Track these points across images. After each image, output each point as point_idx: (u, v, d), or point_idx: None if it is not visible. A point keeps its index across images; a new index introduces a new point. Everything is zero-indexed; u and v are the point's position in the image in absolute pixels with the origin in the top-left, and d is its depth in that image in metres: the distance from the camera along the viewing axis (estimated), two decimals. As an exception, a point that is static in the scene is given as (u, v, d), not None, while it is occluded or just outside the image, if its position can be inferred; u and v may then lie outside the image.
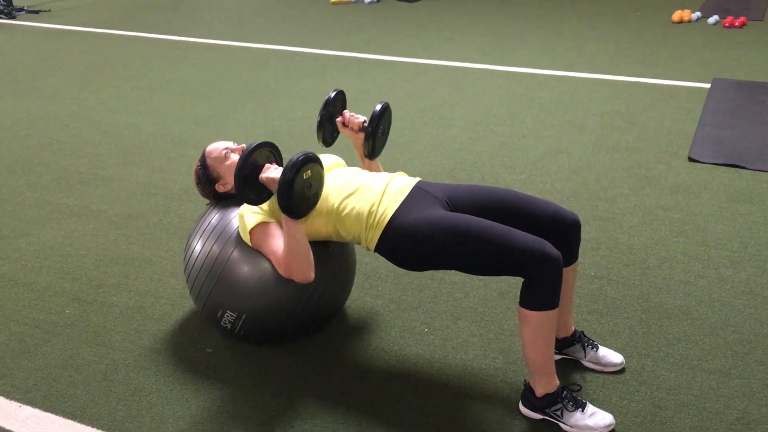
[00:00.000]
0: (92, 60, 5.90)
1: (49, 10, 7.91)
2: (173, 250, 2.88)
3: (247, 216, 2.09)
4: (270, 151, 2.10)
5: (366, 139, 2.25)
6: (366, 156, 2.31)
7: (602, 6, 7.53)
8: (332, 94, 2.31)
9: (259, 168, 2.03)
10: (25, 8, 7.87)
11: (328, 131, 2.34)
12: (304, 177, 1.91)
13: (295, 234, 2.00)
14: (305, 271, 2.04)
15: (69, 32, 6.96)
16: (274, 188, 1.97)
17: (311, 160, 1.92)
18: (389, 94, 4.74)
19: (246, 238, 2.10)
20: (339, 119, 2.31)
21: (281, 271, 2.06)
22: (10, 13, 7.64)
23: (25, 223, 3.13)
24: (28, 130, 4.28)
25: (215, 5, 8.27)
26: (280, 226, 2.08)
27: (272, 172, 2.00)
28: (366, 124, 2.27)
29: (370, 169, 2.35)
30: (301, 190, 1.93)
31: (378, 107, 2.26)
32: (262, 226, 2.07)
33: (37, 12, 7.82)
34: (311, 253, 2.05)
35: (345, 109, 2.36)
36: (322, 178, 2.01)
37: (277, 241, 2.06)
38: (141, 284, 2.65)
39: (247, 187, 2.00)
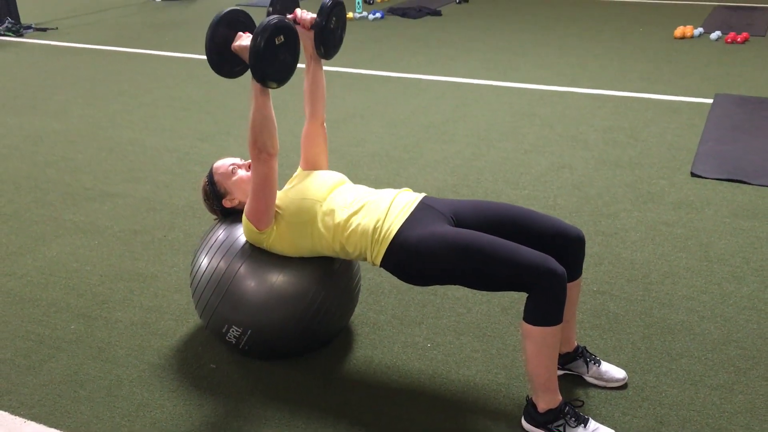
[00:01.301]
0: (98, 77, 5.95)
1: (56, 28, 7.99)
2: (178, 265, 2.90)
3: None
4: (244, 19, 2.02)
5: (316, 35, 2.09)
6: (320, 55, 2.17)
7: (605, 22, 7.58)
8: None
9: (232, 37, 1.97)
10: (33, 26, 7.94)
11: None
12: (277, 42, 1.82)
13: (260, 107, 1.95)
14: (264, 143, 1.97)
15: (76, 50, 7.02)
16: (246, 56, 1.90)
17: (285, 25, 1.84)
18: (393, 110, 4.78)
19: (248, 228, 2.11)
20: (290, 17, 2.14)
21: (251, 165, 2.03)
22: (18, 30, 7.71)
23: (31, 239, 3.16)
24: (35, 146, 4.32)
25: (220, 22, 8.33)
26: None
27: (244, 40, 1.95)
28: (316, 20, 2.09)
29: (315, 78, 2.26)
30: (273, 57, 1.84)
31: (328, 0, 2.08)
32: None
33: (44, 30, 7.89)
34: (275, 130, 2.00)
35: (297, 7, 2.19)
36: (297, 49, 1.91)
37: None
38: (146, 300, 2.66)
39: (219, 56, 1.95)
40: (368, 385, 2.19)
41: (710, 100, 4.78)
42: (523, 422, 1.99)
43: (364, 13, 8.18)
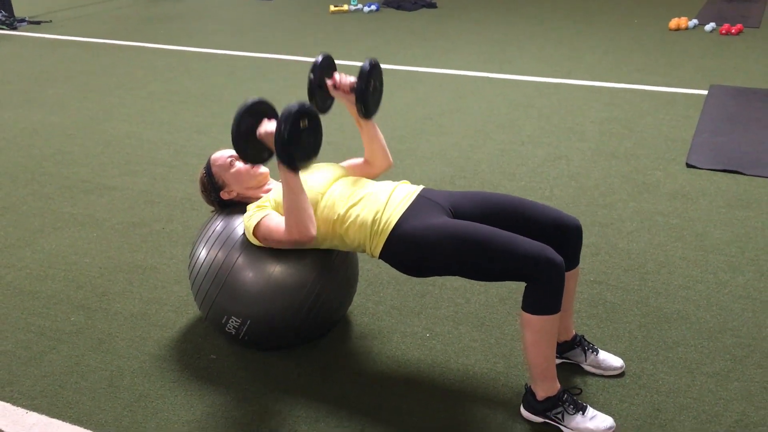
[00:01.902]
0: (94, 70, 5.94)
1: (51, 21, 7.96)
2: (177, 257, 2.91)
3: (250, 217, 2.12)
4: (266, 108, 2.08)
5: (357, 98, 2.15)
6: (361, 116, 2.23)
7: (600, 14, 7.59)
8: (320, 58, 2.20)
9: (257, 125, 2.02)
10: (27, 19, 7.92)
11: (320, 97, 2.24)
12: (301, 126, 1.88)
13: (294, 188, 1.97)
14: (307, 227, 2.00)
15: (70, 43, 7.00)
16: (272, 143, 1.95)
17: (307, 110, 1.89)
18: (389, 103, 4.78)
19: (251, 237, 2.12)
20: (330, 82, 2.21)
21: (285, 237, 2.02)
22: (12, 24, 7.68)
23: (29, 232, 3.16)
24: (31, 140, 4.31)
25: (215, 16, 8.32)
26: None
27: (270, 126, 2.00)
28: (356, 84, 2.16)
29: (369, 135, 2.31)
30: (299, 140, 1.90)
31: (366, 63, 2.16)
32: (264, 218, 2.09)
33: (38, 23, 7.87)
34: (311, 209, 2.03)
35: (335, 71, 2.25)
36: (320, 128, 1.96)
37: (278, 219, 2.07)
38: (145, 291, 2.67)
39: (246, 143, 2.00)
40: (367, 374, 2.21)
41: (705, 92, 4.80)
42: (522, 410, 2.01)
43: (360, 6, 8.16)
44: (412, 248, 1.98)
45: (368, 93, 2.18)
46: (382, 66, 2.29)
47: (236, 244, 2.19)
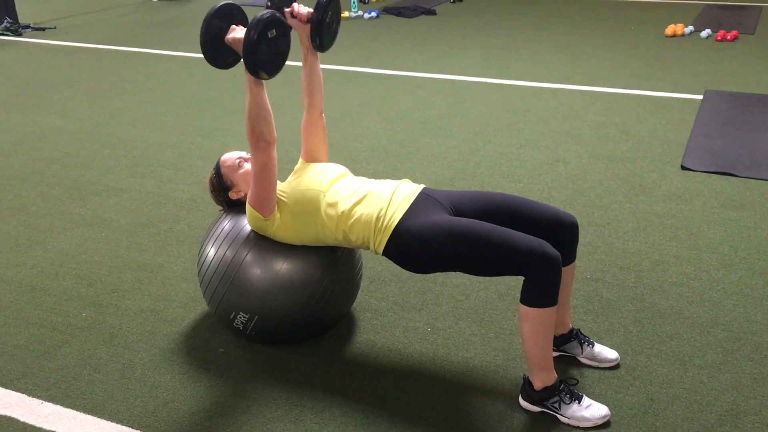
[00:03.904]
0: (98, 76, 6.02)
1: (55, 27, 8.05)
2: (184, 256, 2.98)
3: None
4: (237, 14, 2.10)
5: (313, 29, 2.17)
6: (315, 48, 2.24)
7: (597, 20, 7.69)
8: None
9: (226, 29, 2.05)
10: (32, 25, 8.00)
11: None
12: (269, 36, 1.91)
13: (255, 96, 2.03)
14: (262, 131, 2.05)
15: (75, 49, 7.09)
16: (240, 49, 1.99)
17: (276, 19, 1.93)
18: (390, 107, 4.86)
19: (253, 216, 2.18)
20: (287, 10, 2.22)
21: (251, 151, 2.10)
22: (17, 30, 7.77)
23: (39, 231, 3.24)
24: (39, 143, 4.39)
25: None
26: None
27: (238, 32, 2.04)
28: (313, 15, 2.17)
29: (311, 69, 2.34)
30: (266, 49, 1.93)
31: None
32: None
33: (43, 29, 7.95)
34: (271, 118, 2.08)
35: (294, 1, 2.26)
36: (288, 41, 1.99)
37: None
38: (154, 289, 2.74)
39: (214, 47, 2.03)
40: (371, 367, 2.28)
41: (700, 96, 4.89)
42: (521, 400, 2.08)
43: (360, 12, 8.26)
44: (414, 244, 2.06)
45: (324, 25, 2.17)
46: (382, 71, 2.36)
47: (244, 241, 2.26)
